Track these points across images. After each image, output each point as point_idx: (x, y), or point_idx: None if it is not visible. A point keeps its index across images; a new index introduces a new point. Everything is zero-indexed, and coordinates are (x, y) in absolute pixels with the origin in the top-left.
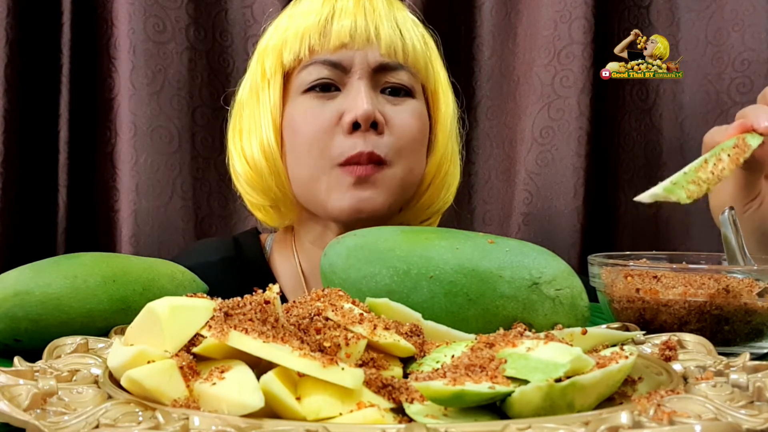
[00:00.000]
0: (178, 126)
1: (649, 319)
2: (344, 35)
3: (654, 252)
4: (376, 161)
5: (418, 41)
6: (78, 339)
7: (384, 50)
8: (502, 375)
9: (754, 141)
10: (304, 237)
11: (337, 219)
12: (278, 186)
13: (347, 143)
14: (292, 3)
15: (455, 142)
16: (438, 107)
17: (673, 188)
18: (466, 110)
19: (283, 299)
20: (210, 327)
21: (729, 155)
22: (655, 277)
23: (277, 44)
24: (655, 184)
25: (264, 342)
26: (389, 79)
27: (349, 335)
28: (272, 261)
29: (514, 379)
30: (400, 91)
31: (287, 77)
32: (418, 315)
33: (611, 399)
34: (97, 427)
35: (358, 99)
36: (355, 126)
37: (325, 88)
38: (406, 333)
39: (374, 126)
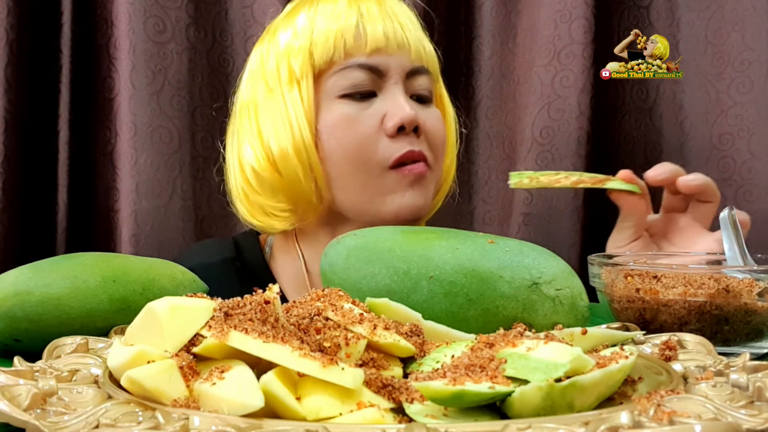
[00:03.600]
0: (178, 126)
1: (649, 319)
2: (380, 39)
3: (654, 252)
4: (425, 160)
5: (429, 45)
6: (78, 339)
7: (414, 55)
8: (502, 375)
9: (612, 184)
10: (311, 239)
11: (392, 220)
12: (310, 189)
13: (393, 146)
14: (301, 4)
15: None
16: (445, 109)
17: (519, 175)
18: (466, 110)
19: (284, 300)
20: (210, 327)
21: (590, 179)
22: (655, 277)
23: (304, 45)
24: None
25: (264, 342)
26: (418, 84)
27: (349, 335)
28: (273, 262)
29: (514, 379)
30: (425, 99)
31: (316, 79)
32: (418, 315)
33: (611, 399)
34: (97, 427)
35: (398, 104)
36: (399, 130)
37: (365, 96)
38: (406, 333)
39: (414, 130)
